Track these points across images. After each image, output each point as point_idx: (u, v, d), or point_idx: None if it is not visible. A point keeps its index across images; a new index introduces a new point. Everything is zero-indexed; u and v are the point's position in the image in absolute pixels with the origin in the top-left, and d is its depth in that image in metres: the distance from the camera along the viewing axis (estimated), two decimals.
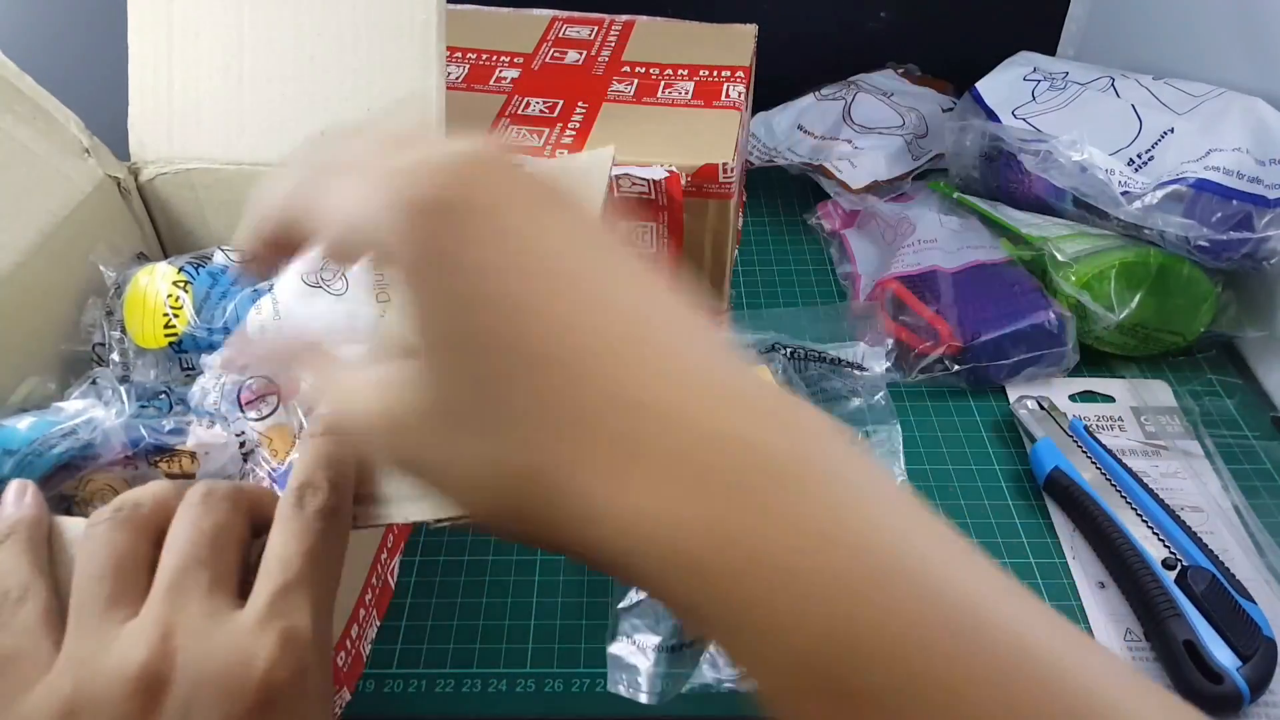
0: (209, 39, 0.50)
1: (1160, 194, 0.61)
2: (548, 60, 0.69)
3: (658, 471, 0.19)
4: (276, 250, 0.25)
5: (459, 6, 0.76)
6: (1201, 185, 0.60)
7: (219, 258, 0.46)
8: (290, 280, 0.43)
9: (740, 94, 0.64)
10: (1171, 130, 0.64)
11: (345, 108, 0.49)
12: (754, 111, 0.80)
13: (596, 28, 0.73)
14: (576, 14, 0.75)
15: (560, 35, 0.73)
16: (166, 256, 0.53)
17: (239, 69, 0.49)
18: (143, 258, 0.52)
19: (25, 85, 0.48)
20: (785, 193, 0.81)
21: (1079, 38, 0.84)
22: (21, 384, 0.44)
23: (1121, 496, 0.52)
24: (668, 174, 0.56)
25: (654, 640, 0.46)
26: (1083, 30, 0.84)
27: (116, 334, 0.47)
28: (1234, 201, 0.59)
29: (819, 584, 0.18)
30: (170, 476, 0.40)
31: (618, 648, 0.46)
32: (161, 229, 0.55)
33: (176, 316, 0.45)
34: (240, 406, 0.40)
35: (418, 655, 0.47)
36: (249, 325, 0.21)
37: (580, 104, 0.64)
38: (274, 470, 0.40)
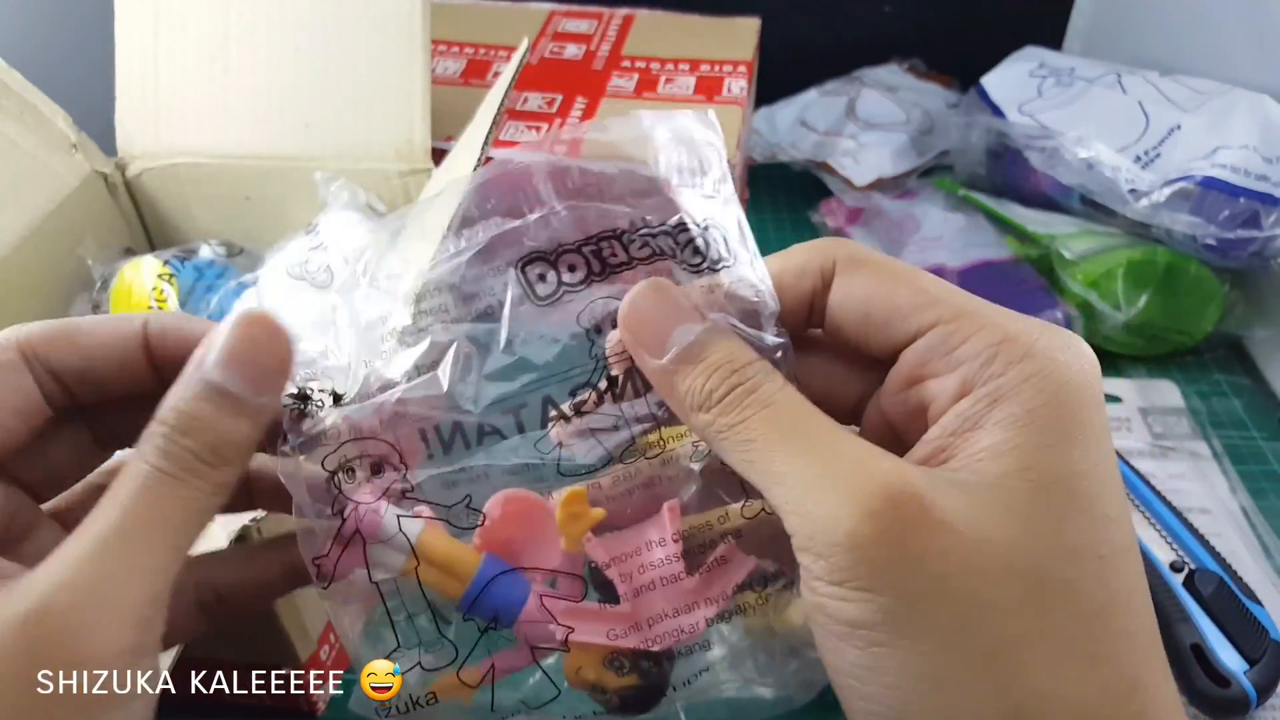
0: (194, 32, 0.49)
1: (1167, 191, 0.60)
2: (546, 54, 0.69)
3: None
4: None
5: (456, 0, 0.75)
6: (1209, 183, 0.59)
7: (205, 251, 0.46)
8: (275, 273, 0.42)
9: (742, 89, 0.63)
10: (1179, 127, 0.63)
11: (330, 100, 0.49)
12: (756, 106, 0.79)
13: (596, 21, 0.73)
14: (576, 7, 0.74)
15: (559, 29, 0.72)
16: (153, 250, 0.52)
17: (224, 62, 0.49)
18: (129, 252, 0.51)
19: (13, 81, 0.47)
20: (788, 189, 0.80)
21: (1085, 33, 0.83)
22: None
23: (1129, 498, 0.52)
24: None
25: None
26: (1089, 25, 0.83)
27: None
28: (1241, 199, 0.58)
29: None
30: None
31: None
32: (148, 223, 0.54)
33: (161, 310, 0.45)
34: None
35: None
36: None
37: (579, 99, 0.63)
38: None
